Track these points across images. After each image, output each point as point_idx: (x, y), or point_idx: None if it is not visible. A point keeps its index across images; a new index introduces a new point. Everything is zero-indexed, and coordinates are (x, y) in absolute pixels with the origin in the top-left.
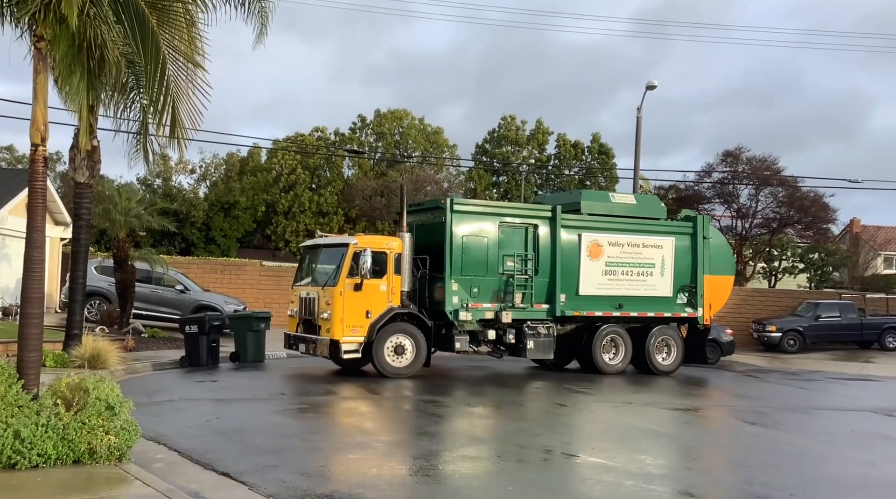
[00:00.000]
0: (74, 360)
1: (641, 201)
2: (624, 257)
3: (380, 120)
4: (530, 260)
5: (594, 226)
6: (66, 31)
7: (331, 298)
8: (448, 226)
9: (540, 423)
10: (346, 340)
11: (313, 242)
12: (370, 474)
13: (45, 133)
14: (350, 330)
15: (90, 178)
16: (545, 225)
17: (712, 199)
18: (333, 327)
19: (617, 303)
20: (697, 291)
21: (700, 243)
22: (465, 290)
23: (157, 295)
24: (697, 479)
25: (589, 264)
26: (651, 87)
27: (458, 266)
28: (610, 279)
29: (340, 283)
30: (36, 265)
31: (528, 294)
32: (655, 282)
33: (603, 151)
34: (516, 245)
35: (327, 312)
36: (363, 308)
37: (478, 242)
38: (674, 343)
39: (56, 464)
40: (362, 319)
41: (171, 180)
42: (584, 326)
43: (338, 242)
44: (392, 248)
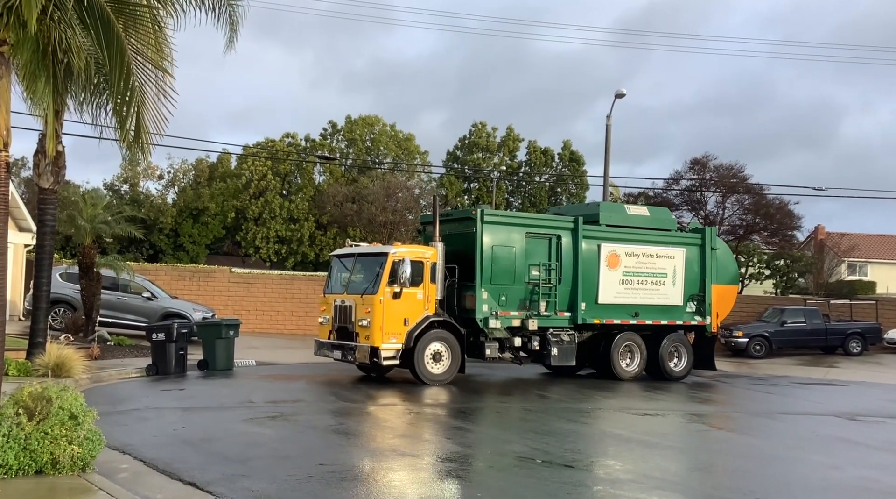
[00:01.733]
0: (38, 368)
1: (654, 213)
2: (639, 267)
3: (351, 126)
4: (553, 270)
5: (612, 237)
6: (29, 35)
7: (370, 305)
8: (479, 236)
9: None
10: (386, 347)
11: (347, 252)
12: (339, 484)
13: (8, 138)
14: (389, 337)
15: (55, 183)
16: (567, 235)
17: (680, 206)
18: (373, 334)
19: (633, 311)
20: (706, 299)
21: (708, 254)
22: (494, 298)
23: (123, 302)
24: (664, 484)
25: (607, 274)
26: (620, 95)
27: (487, 275)
28: (627, 288)
29: (380, 291)
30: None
31: (551, 302)
32: (668, 291)
33: (574, 159)
34: (541, 255)
35: (366, 319)
36: (401, 316)
37: (506, 251)
38: (684, 350)
39: (17, 475)
40: (400, 327)
41: (139, 186)
42: (601, 334)
43: (376, 252)
44: (428, 257)
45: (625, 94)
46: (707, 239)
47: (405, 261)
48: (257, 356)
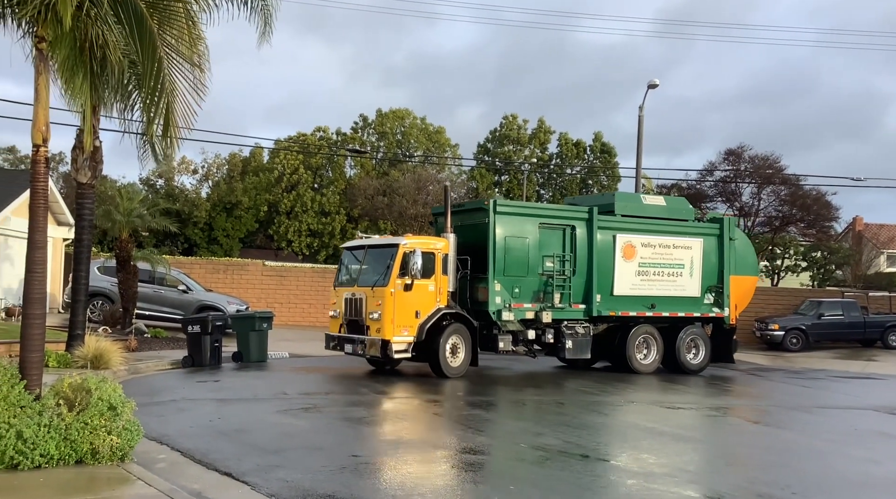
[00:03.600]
0: (77, 360)
1: (671, 203)
2: (655, 258)
3: (381, 119)
4: (568, 261)
5: (627, 227)
6: (66, 32)
7: (381, 298)
8: (491, 227)
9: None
10: (397, 340)
11: (357, 243)
12: (373, 475)
13: (47, 134)
14: (400, 330)
15: (92, 178)
16: (582, 226)
17: (714, 197)
18: (384, 327)
19: (649, 303)
20: (724, 291)
21: (727, 244)
22: (508, 290)
23: (159, 295)
24: (700, 478)
25: (623, 265)
26: (653, 85)
27: (500, 267)
28: (643, 280)
29: (391, 283)
30: (38, 266)
31: (566, 294)
32: (685, 282)
33: (605, 150)
34: (555, 246)
35: (377, 312)
36: (413, 308)
37: (519, 242)
38: (702, 343)
39: (58, 464)
40: (412, 319)
41: (174, 181)
42: (617, 326)
43: (387, 243)
44: (440, 248)
45: (658, 85)
46: (725, 229)
47: (416, 252)
48: (290, 348)
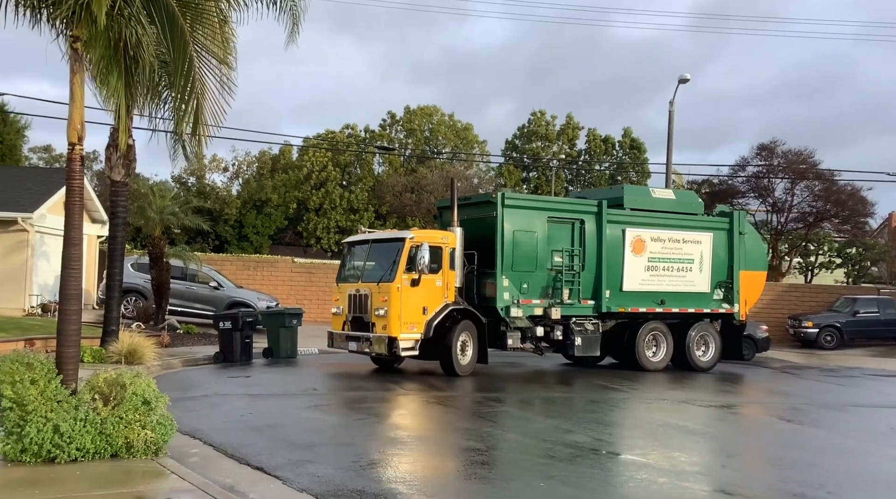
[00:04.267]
0: (111, 355)
1: (680, 197)
2: (665, 253)
3: (409, 116)
4: (577, 256)
5: (637, 221)
6: (100, 31)
7: (387, 293)
8: (499, 221)
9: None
10: (404, 337)
11: (361, 238)
12: (402, 470)
13: (82, 132)
14: (407, 327)
15: (126, 176)
16: (591, 220)
17: (747, 193)
18: (390, 324)
19: (659, 299)
20: (734, 286)
21: (736, 239)
22: (516, 286)
23: (191, 292)
24: (732, 476)
25: (632, 260)
26: (683, 80)
27: (508, 262)
28: (652, 275)
29: (397, 278)
30: (74, 262)
31: (574, 290)
32: (694, 277)
33: (634, 146)
34: (564, 240)
35: (383, 308)
36: (420, 304)
37: (528, 237)
38: (712, 339)
39: (94, 458)
40: (419, 316)
41: (205, 178)
42: (625, 323)
43: (392, 237)
44: (447, 242)
45: (688, 80)
46: (735, 223)
47: (423, 246)
48: (319, 345)
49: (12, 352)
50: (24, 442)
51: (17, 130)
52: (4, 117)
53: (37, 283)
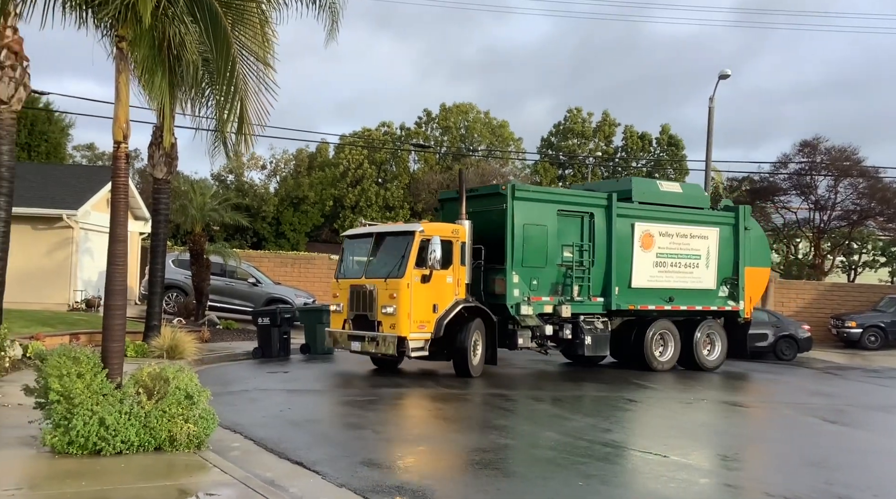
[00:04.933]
0: (154, 350)
1: (687, 190)
2: (673, 248)
3: (445, 114)
4: (587, 251)
5: (646, 215)
6: (146, 31)
7: (396, 290)
8: (509, 214)
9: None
10: (414, 336)
11: (363, 231)
12: (439, 467)
13: (127, 131)
14: (417, 326)
15: (168, 174)
16: (601, 213)
17: (788, 190)
18: (399, 323)
19: (668, 296)
20: (739, 283)
21: (741, 234)
22: (525, 282)
23: (230, 288)
24: (775, 478)
25: (641, 255)
26: (724, 76)
27: (518, 257)
28: (661, 271)
29: (407, 274)
30: (119, 259)
31: (584, 287)
32: (701, 274)
33: (672, 143)
34: (573, 234)
35: (392, 306)
36: (430, 302)
37: (538, 231)
38: (718, 338)
39: (138, 451)
40: (429, 314)
41: (243, 176)
42: (632, 321)
43: (400, 230)
44: (457, 236)
45: (729, 75)
46: (741, 218)
47: (434, 240)
48: None
49: (59, 346)
50: (71, 434)
51: (62, 129)
52: (50, 116)
53: (81, 278)
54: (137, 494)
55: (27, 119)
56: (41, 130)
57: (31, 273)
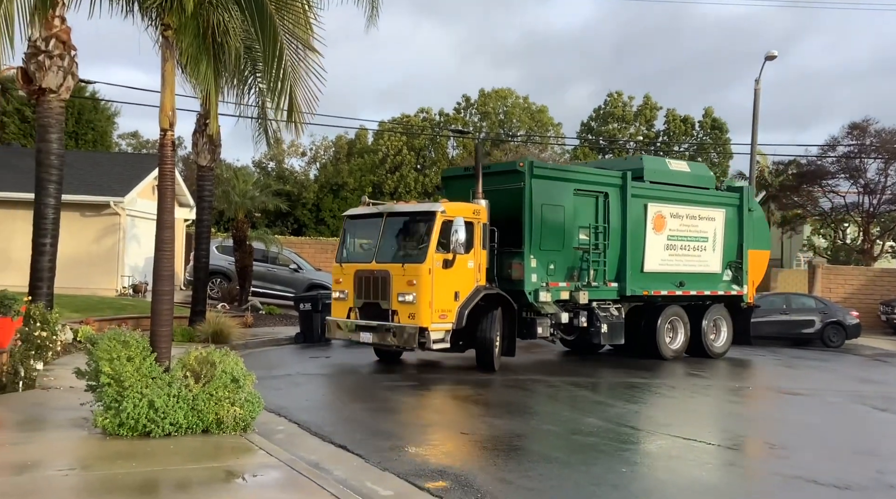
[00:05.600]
0: (199, 335)
1: (694, 169)
2: (683, 231)
3: (484, 99)
4: (601, 233)
5: (658, 195)
6: (190, 19)
7: (416, 276)
8: (527, 193)
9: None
10: (435, 327)
11: (371, 211)
12: (481, 451)
13: (173, 118)
14: (438, 315)
15: (212, 161)
16: (615, 193)
17: (837, 174)
18: (420, 312)
19: (678, 280)
20: (743, 266)
21: (746, 216)
22: (543, 266)
23: (272, 274)
24: (825, 466)
25: (653, 238)
26: (770, 57)
27: (537, 240)
28: (671, 254)
29: (429, 258)
30: (166, 244)
31: (600, 271)
32: (708, 257)
33: (716, 126)
34: (588, 215)
35: (410, 293)
36: (452, 289)
37: (555, 211)
38: (724, 323)
39: (186, 433)
40: (451, 302)
41: (284, 163)
42: (642, 307)
43: (419, 211)
44: (479, 217)
45: (776, 57)
46: (745, 199)
47: (458, 221)
48: None
49: (109, 330)
50: (121, 417)
51: (108, 117)
52: (96, 105)
53: (128, 264)
54: (186, 475)
55: (74, 108)
56: (88, 118)
57: (80, 259)
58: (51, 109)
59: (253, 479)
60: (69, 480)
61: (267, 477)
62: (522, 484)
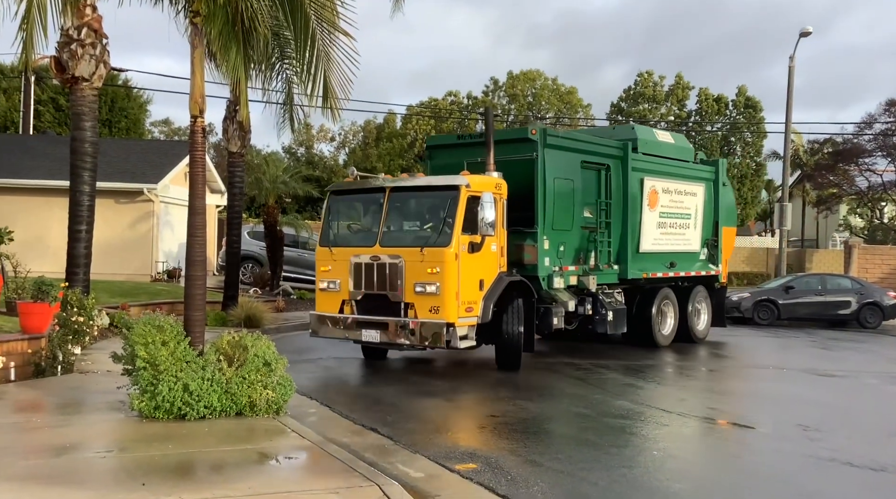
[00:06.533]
0: (232, 319)
1: (677, 141)
2: (671, 207)
3: (512, 82)
4: (604, 210)
5: (651, 169)
6: (220, 7)
7: (440, 263)
8: (540, 165)
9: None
10: (462, 322)
11: (370, 185)
12: (509, 434)
13: (203, 105)
14: (464, 308)
15: (242, 147)
16: (616, 166)
17: (874, 152)
18: (445, 305)
19: (669, 261)
20: (719, 245)
21: (721, 191)
22: (554, 248)
23: (303, 259)
24: (860, 448)
25: (648, 216)
26: (805, 33)
27: (550, 218)
28: (662, 233)
29: (455, 241)
30: (198, 230)
31: (604, 252)
32: (690, 235)
33: (750, 105)
34: (592, 191)
35: (433, 283)
36: (477, 277)
37: (566, 186)
38: (705, 306)
39: (220, 416)
40: (476, 293)
41: (313, 148)
42: (633, 291)
43: (438, 184)
44: (501, 192)
45: (811, 33)
46: (720, 173)
47: (486, 197)
48: None
49: (144, 315)
50: (157, 400)
51: (140, 105)
52: (128, 93)
53: (162, 250)
54: (220, 457)
55: (107, 96)
56: (121, 106)
57: (115, 245)
58: (84, 98)
59: (286, 461)
60: (107, 462)
61: (299, 459)
62: (552, 466)
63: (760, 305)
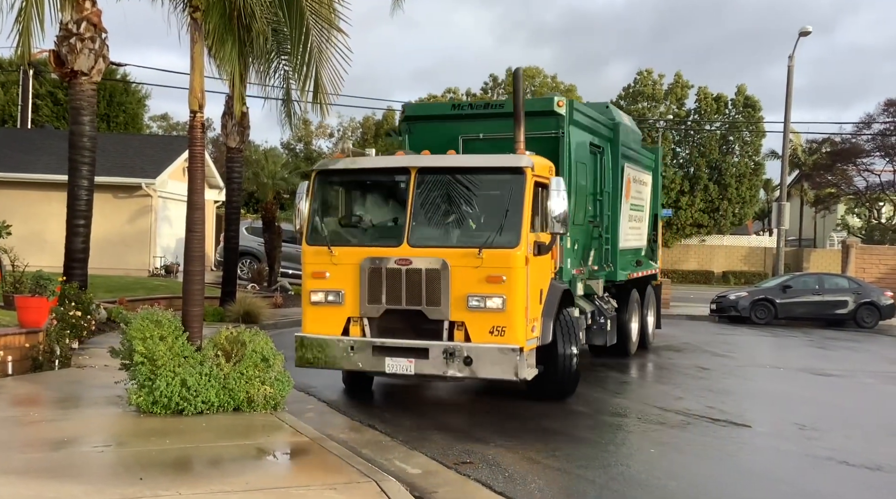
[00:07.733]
0: (230, 315)
1: (632, 124)
2: (636, 198)
3: (510, 79)
4: (600, 201)
5: (628, 155)
6: (217, 1)
7: (507, 268)
8: (566, 145)
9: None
10: (529, 345)
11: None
12: (510, 431)
13: (202, 100)
14: (529, 328)
15: (241, 143)
16: (609, 148)
17: (872, 152)
18: (514, 325)
19: (636, 259)
20: (658, 239)
21: (658, 181)
22: (572, 248)
23: (301, 255)
24: (856, 447)
25: (625, 207)
26: (804, 33)
27: (572, 211)
28: (631, 227)
29: (524, 240)
30: (197, 225)
31: (601, 251)
32: (642, 229)
33: (749, 104)
34: (592, 178)
35: (497, 297)
36: (538, 286)
37: (582, 172)
38: (653, 310)
39: (218, 411)
40: (537, 307)
41: (312, 144)
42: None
43: (492, 166)
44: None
45: (810, 32)
46: (659, 161)
47: (557, 183)
48: None
49: (142, 310)
50: (154, 395)
51: (139, 100)
52: (127, 87)
53: (160, 245)
54: (218, 452)
55: (106, 90)
56: (119, 101)
57: (113, 240)
58: (83, 92)
59: (283, 456)
60: (105, 456)
61: (297, 455)
62: (549, 463)
63: (758, 305)
